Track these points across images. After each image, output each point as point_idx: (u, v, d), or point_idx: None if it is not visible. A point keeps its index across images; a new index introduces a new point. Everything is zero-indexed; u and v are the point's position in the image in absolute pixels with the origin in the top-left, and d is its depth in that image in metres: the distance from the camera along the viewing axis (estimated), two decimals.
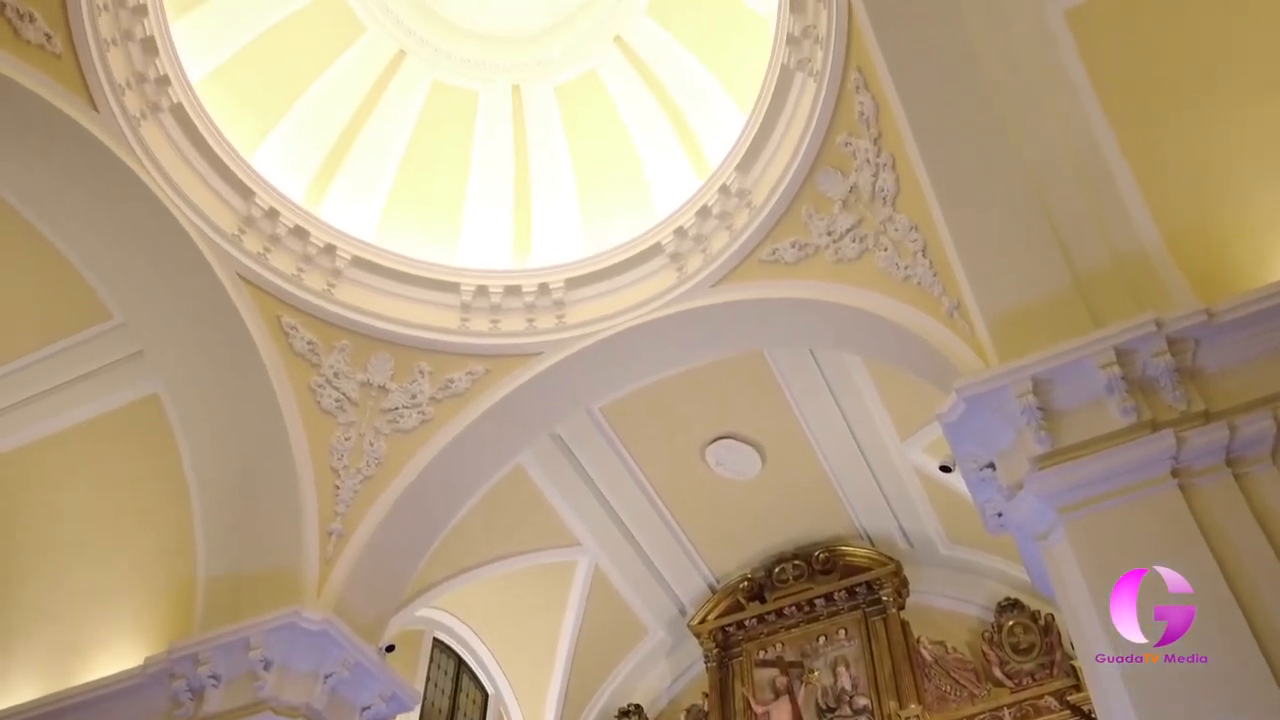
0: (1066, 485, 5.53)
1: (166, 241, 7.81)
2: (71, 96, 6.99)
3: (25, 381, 8.73)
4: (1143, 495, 5.31)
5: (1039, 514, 5.70)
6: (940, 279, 6.88)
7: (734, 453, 10.55)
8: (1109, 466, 5.44)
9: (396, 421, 8.61)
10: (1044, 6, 6.20)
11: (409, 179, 9.77)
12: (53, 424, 8.89)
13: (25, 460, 8.93)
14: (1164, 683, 4.76)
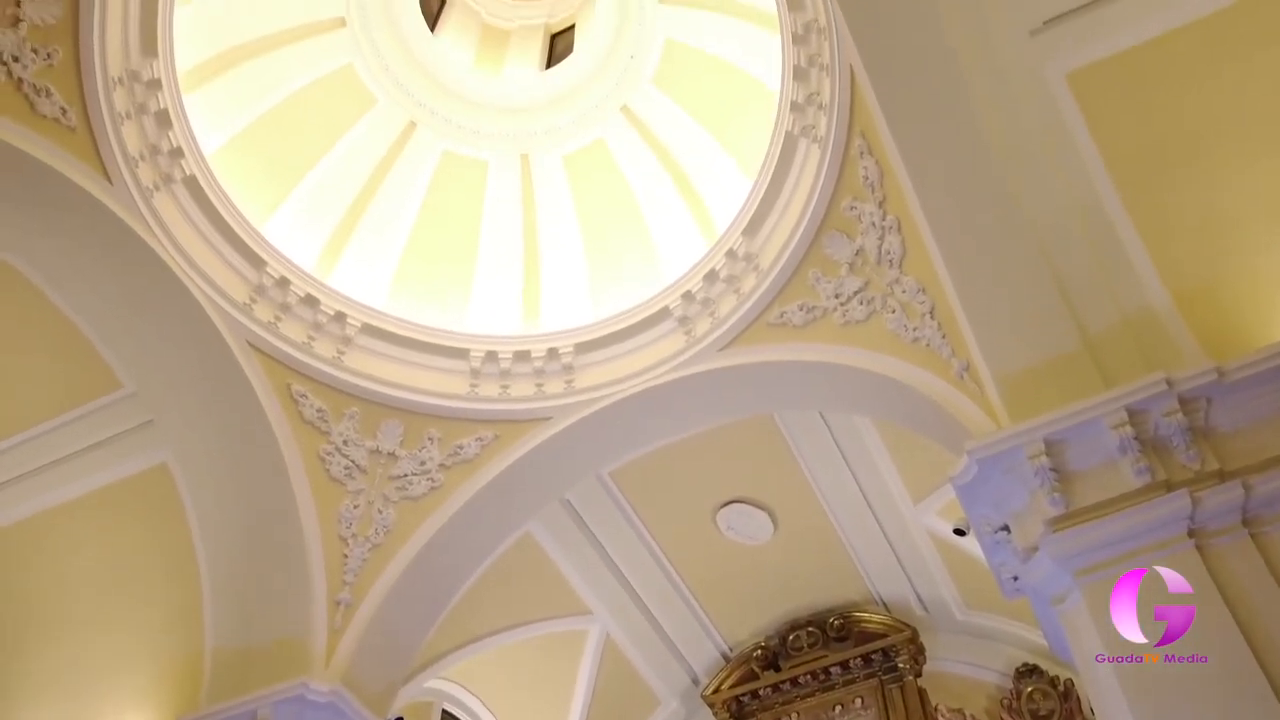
0: (1082, 548, 5.47)
1: (178, 311, 7.86)
2: (86, 169, 7.08)
3: (36, 452, 8.73)
4: (1159, 556, 5.24)
5: (1055, 577, 5.63)
6: (949, 340, 6.88)
7: (745, 517, 10.46)
8: (1124, 528, 5.39)
9: (406, 489, 8.58)
10: (1045, 70, 6.25)
11: (419, 246, 9.86)
12: (62, 494, 8.85)
13: (34, 530, 8.90)
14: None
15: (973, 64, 6.30)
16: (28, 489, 8.79)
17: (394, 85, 10.25)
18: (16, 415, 8.57)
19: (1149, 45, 6.14)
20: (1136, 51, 6.18)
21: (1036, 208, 6.34)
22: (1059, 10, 6.19)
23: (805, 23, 7.36)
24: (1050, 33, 6.24)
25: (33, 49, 6.55)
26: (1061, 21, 6.21)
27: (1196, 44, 6.10)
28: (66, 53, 6.74)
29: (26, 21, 6.46)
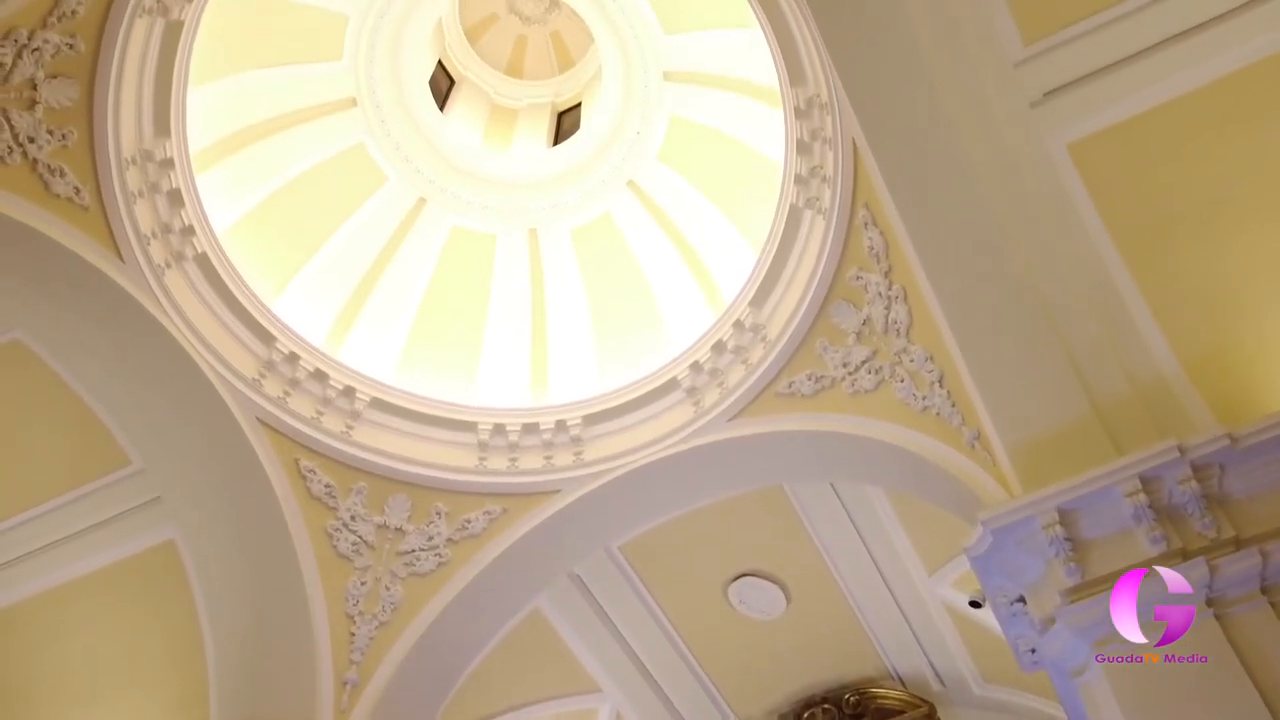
0: (1100, 618, 5.37)
1: (187, 387, 7.89)
2: (98, 247, 7.18)
3: (43, 529, 8.69)
4: None
5: (1073, 649, 5.53)
6: (959, 409, 6.85)
7: (757, 591, 10.32)
8: None
9: (413, 565, 8.51)
10: (1046, 140, 6.31)
11: (428, 320, 9.92)
12: (68, 572, 8.79)
13: (38, 610, 8.81)
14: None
15: (974, 136, 6.36)
16: (33, 568, 8.73)
17: (404, 163, 10.42)
18: (24, 492, 8.56)
19: (1150, 114, 6.20)
20: (1138, 121, 6.23)
21: (1042, 276, 6.35)
22: (1059, 82, 6.27)
23: (807, 98, 7.46)
24: (1050, 104, 6.31)
25: (48, 130, 6.69)
26: (1061, 93, 6.28)
27: (1198, 112, 6.15)
28: (81, 134, 6.87)
29: (43, 104, 6.60)
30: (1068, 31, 6.19)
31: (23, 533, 8.75)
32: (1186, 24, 5.91)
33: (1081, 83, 6.24)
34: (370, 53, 10.26)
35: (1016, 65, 6.25)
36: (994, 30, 6.24)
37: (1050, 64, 6.24)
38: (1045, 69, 6.25)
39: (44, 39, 6.39)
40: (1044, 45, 6.22)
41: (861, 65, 6.40)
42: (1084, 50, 6.16)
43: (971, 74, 6.30)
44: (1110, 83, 6.18)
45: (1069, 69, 6.23)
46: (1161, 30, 5.96)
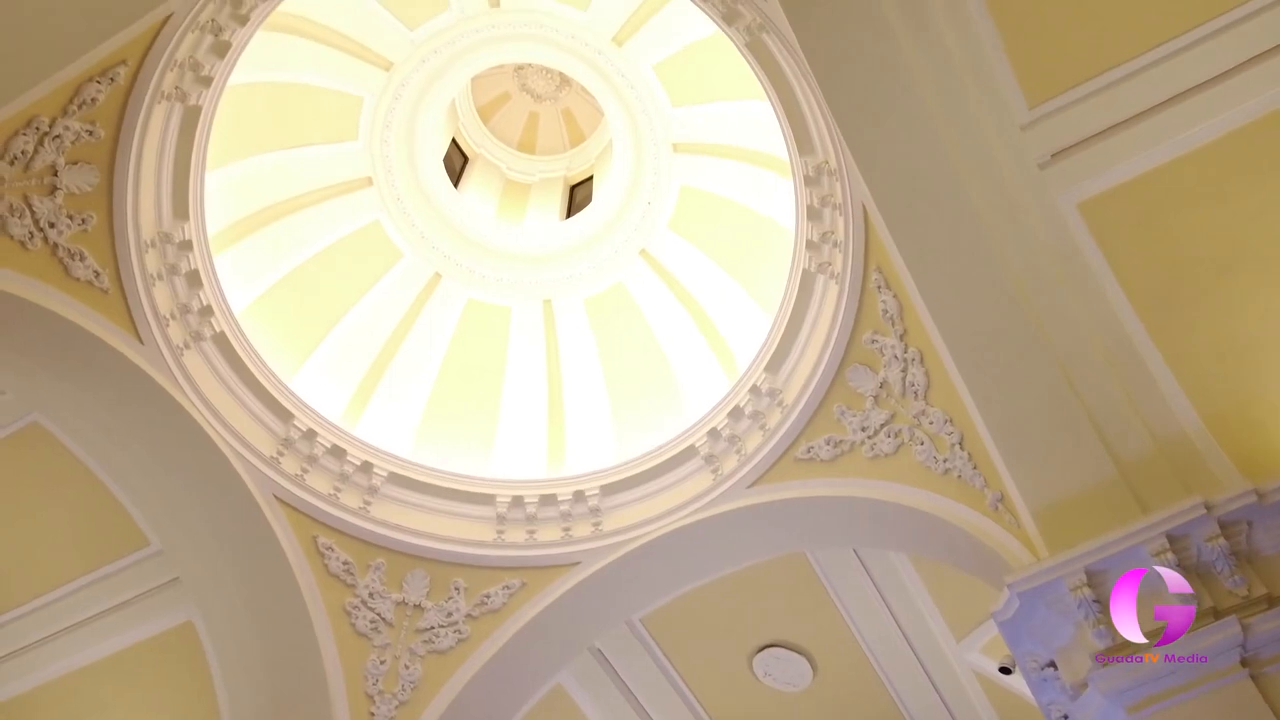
0: (1132, 682, 5.28)
1: (206, 467, 7.91)
2: (117, 330, 7.25)
3: (63, 612, 8.71)
4: (1214, 687, 5.07)
5: (1106, 714, 5.42)
6: (981, 471, 6.80)
7: (783, 662, 10.14)
8: None
9: (432, 642, 8.42)
10: (1056, 200, 6.32)
11: (445, 393, 9.96)
12: (88, 655, 8.81)
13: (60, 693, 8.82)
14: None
15: (983, 198, 6.38)
16: (54, 651, 8.75)
17: (420, 239, 10.57)
18: (44, 575, 8.60)
19: (1160, 171, 6.20)
20: (1147, 179, 6.24)
21: (1059, 336, 6.32)
22: (1066, 143, 6.29)
23: (816, 165, 7.53)
24: (1059, 165, 6.33)
25: (68, 215, 6.80)
26: (1069, 154, 6.30)
27: (1206, 168, 6.16)
28: (101, 218, 6.99)
29: (63, 190, 6.72)
30: (1073, 93, 6.22)
31: (42, 616, 8.77)
32: (1190, 83, 5.95)
33: (1089, 143, 6.26)
34: (385, 133, 10.46)
35: (1023, 128, 6.29)
36: (999, 94, 6.28)
37: (1057, 126, 6.27)
38: (1052, 131, 6.28)
39: (64, 126, 6.53)
40: (1050, 107, 6.26)
41: (869, 132, 6.45)
42: (1089, 111, 6.20)
43: (979, 137, 6.34)
44: (1117, 142, 6.19)
45: (1075, 130, 6.26)
46: (1165, 89, 5.99)
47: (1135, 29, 5.95)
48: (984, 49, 6.14)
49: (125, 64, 6.55)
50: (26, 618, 8.82)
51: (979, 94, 6.25)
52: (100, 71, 6.45)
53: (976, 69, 6.22)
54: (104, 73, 6.47)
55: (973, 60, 6.14)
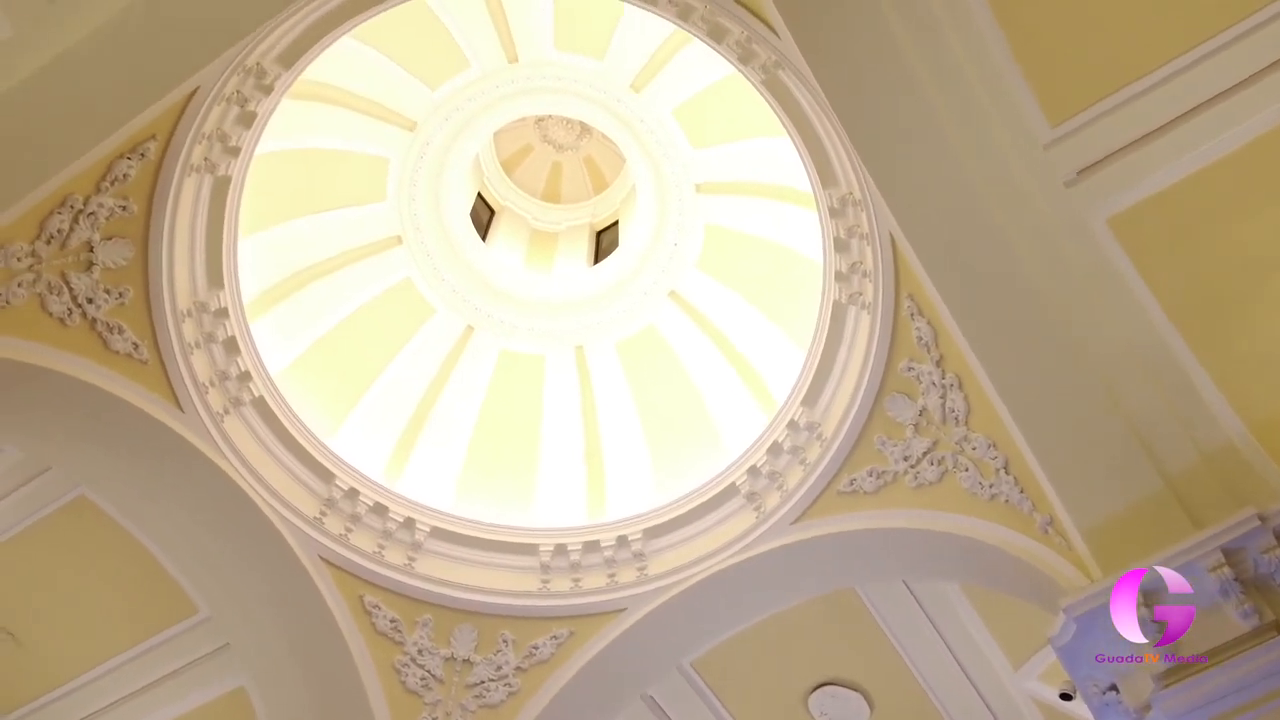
0: (1197, 702, 5.17)
1: (250, 532, 7.97)
2: (158, 399, 7.35)
3: (117, 683, 8.80)
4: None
5: None
6: (1028, 495, 6.71)
7: (839, 700, 9.98)
8: (1240, 676, 5.11)
9: (483, 696, 8.37)
10: (1085, 217, 6.26)
11: (483, 445, 10.00)
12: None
13: None
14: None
15: (1011, 220, 6.34)
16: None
17: (451, 294, 10.67)
18: (97, 646, 8.69)
19: (1189, 181, 6.13)
20: (1176, 190, 6.18)
21: (1098, 353, 6.26)
22: (1091, 159, 6.24)
23: (840, 197, 7.53)
24: (1086, 182, 6.28)
25: (105, 290, 6.93)
26: (1095, 170, 6.25)
27: (1235, 176, 6.09)
28: (137, 291, 7.12)
29: (99, 265, 6.86)
30: (1094, 109, 6.18)
31: (98, 687, 8.87)
32: (1211, 91, 5.89)
33: (1114, 158, 6.21)
34: (412, 191, 10.61)
35: (1046, 147, 6.25)
36: (1020, 115, 6.26)
37: (1080, 142, 6.23)
38: (1075, 148, 6.24)
39: (98, 203, 6.67)
40: (1072, 125, 6.22)
41: (891, 162, 6.45)
42: (1112, 126, 6.15)
43: (1002, 160, 6.31)
44: (1143, 155, 6.14)
45: (1100, 146, 6.21)
46: (1187, 100, 5.94)
47: (1151, 41, 5.92)
48: (1001, 72, 6.12)
49: (155, 139, 6.69)
50: (83, 689, 8.92)
51: (999, 116, 6.23)
52: (131, 147, 6.60)
53: (995, 92, 6.21)
54: (134, 148, 6.61)
55: (990, 84, 6.12)
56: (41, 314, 6.69)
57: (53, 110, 5.93)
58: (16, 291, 6.50)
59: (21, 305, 6.58)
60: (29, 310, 6.63)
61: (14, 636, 8.70)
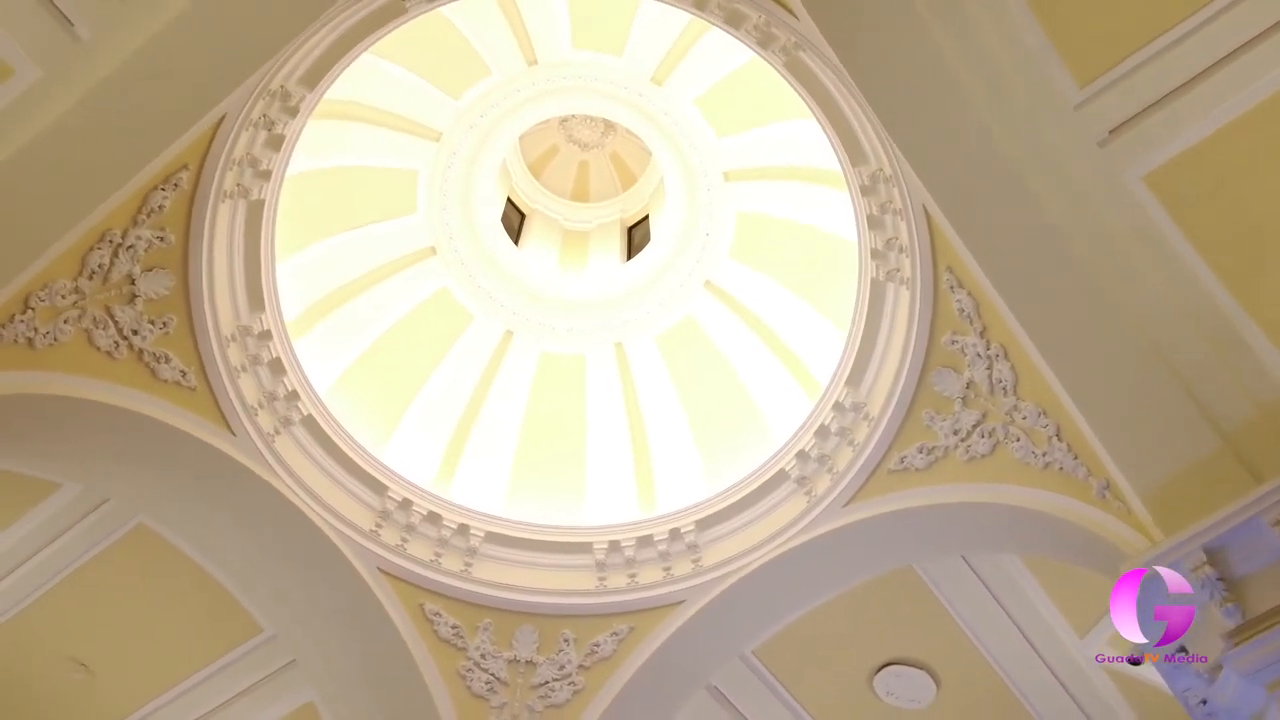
0: (1270, 658, 5.09)
1: (308, 549, 8.07)
2: (208, 425, 7.45)
3: (189, 706, 8.97)
4: None
5: (1247, 695, 5.21)
6: (1083, 461, 6.63)
7: (904, 679, 9.92)
8: None
9: (549, 696, 8.42)
10: (1120, 176, 6.16)
11: (530, 447, 10.06)
12: None
13: None
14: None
15: (1045, 184, 6.25)
16: None
17: (488, 300, 10.75)
18: (167, 672, 8.84)
19: (1222, 133, 6.01)
20: (1211, 142, 6.05)
21: (1143, 313, 6.16)
22: (1122, 118, 6.13)
23: (870, 174, 7.49)
24: (1118, 141, 6.17)
25: (149, 320, 7.04)
26: (1127, 128, 6.14)
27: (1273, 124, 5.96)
28: (181, 319, 7.21)
29: (142, 297, 6.96)
30: (1122, 66, 6.06)
31: (170, 712, 9.05)
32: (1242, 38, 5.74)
33: (1146, 114, 6.10)
34: (443, 201, 10.69)
35: (1076, 108, 6.15)
36: (1047, 77, 6.17)
37: (1110, 101, 6.12)
38: (1106, 107, 6.13)
39: (136, 236, 6.77)
40: (1101, 84, 6.11)
41: (920, 135, 6.39)
42: (1142, 82, 6.04)
43: (1032, 124, 6.22)
44: (1176, 109, 6.02)
45: (1130, 103, 6.10)
46: (1217, 49, 5.81)
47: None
48: (1024, 35, 6.03)
49: (187, 168, 6.78)
50: (156, 715, 9.08)
51: (1026, 81, 6.14)
52: (164, 178, 6.69)
53: (1019, 56, 6.12)
54: (167, 179, 6.70)
55: (1014, 47, 6.03)
56: (89, 349, 6.80)
57: (85, 148, 6.01)
58: (63, 328, 6.61)
59: (69, 341, 6.69)
60: (77, 346, 6.74)
61: (86, 667, 8.87)
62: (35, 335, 6.44)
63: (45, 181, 5.99)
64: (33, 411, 6.56)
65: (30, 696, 9.10)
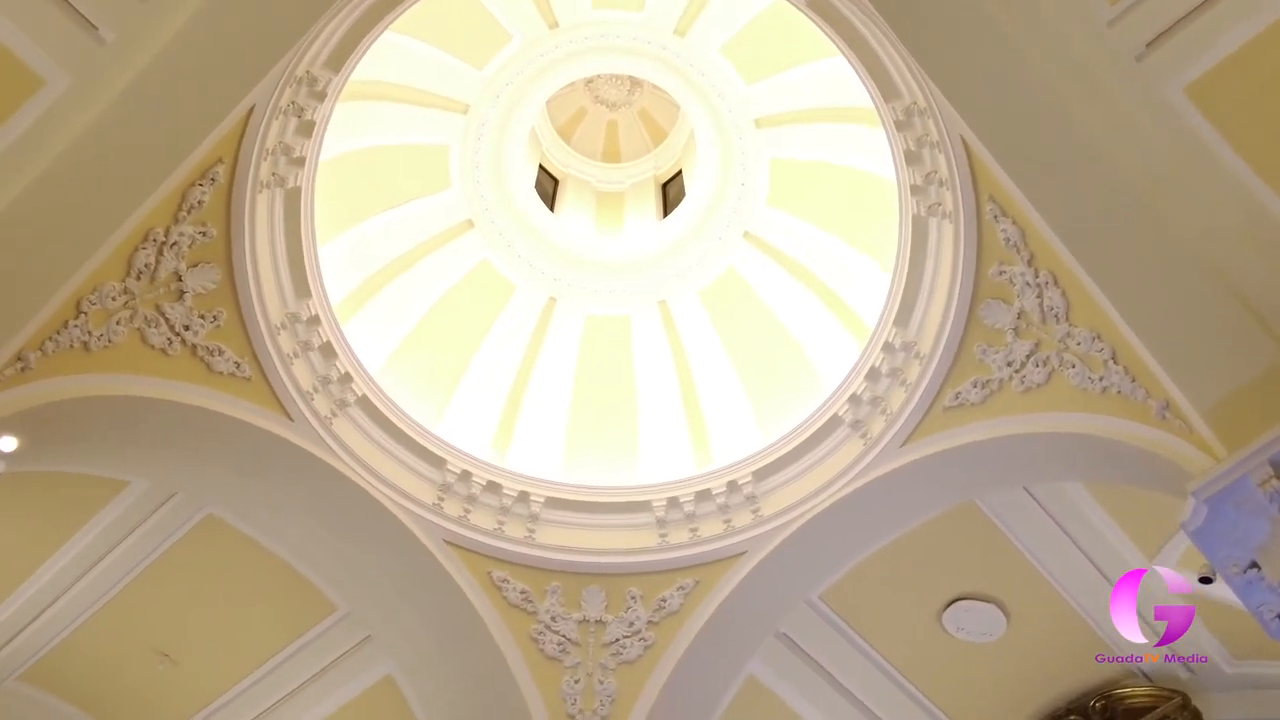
0: None
1: (374, 526, 8.20)
2: (266, 413, 7.57)
3: (270, 688, 9.19)
4: None
5: None
6: (1140, 383, 6.53)
7: (974, 614, 9.89)
8: None
9: (620, 653, 8.53)
10: (1160, 89, 6.01)
11: (582, 411, 10.13)
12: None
13: None
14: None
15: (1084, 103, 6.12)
16: None
17: (529, 268, 10.78)
18: (246, 656, 9.06)
19: (1263, 38, 5.83)
20: (1251, 47, 5.88)
21: (1194, 227, 6.04)
22: (1157, 30, 5.96)
23: (904, 108, 7.37)
24: (1155, 54, 6.01)
25: (199, 315, 7.15)
26: (1163, 40, 5.98)
27: None
28: (230, 312, 7.31)
29: (190, 292, 7.06)
30: None
31: (252, 695, 9.26)
32: None
33: (1182, 24, 5.93)
34: (476, 174, 10.70)
35: (1110, 24, 6.00)
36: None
37: (1143, 14, 5.96)
38: (1140, 20, 5.97)
39: (179, 233, 6.85)
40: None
41: (952, 64, 6.28)
42: None
43: (1065, 43, 6.08)
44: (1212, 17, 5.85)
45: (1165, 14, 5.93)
46: None
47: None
48: None
49: (222, 162, 6.84)
50: (239, 699, 9.33)
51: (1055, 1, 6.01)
52: (201, 174, 6.75)
53: None
54: (204, 174, 6.77)
55: None
56: (144, 348, 6.92)
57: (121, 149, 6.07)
58: (117, 330, 6.73)
59: (123, 343, 6.80)
60: (131, 346, 6.85)
61: (169, 657, 9.11)
62: (90, 339, 6.55)
63: (85, 186, 6.06)
64: (94, 413, 6.70)
65: (120, 689, 9.38)
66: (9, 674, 9.05)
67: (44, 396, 6.28)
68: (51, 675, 9.17)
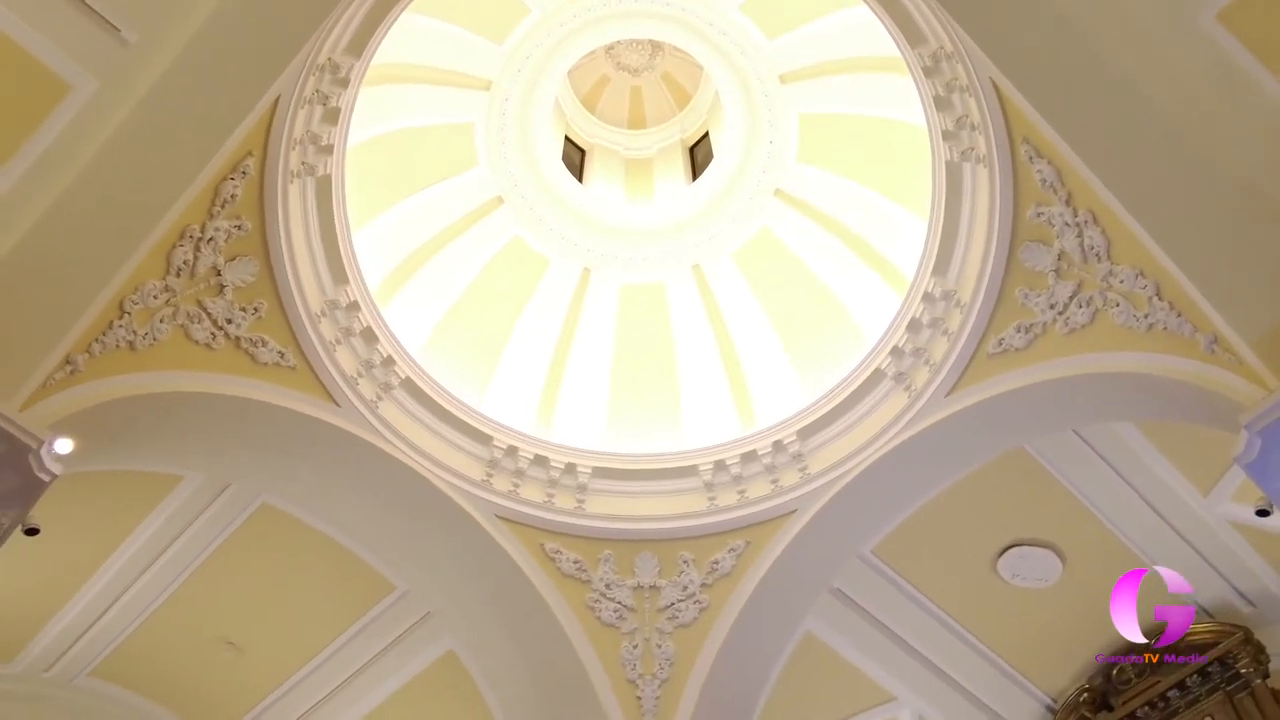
0: None
1: (426, 505, 8.30)
2: (313, 400, 7.65)
3: (335, 670, 9.35)
4: None
5: None
6: (1187, 318, 6.44)
7: (1029, 560, 9.84)
8: None
9: (676, 617, 8.60)
10: (1192, 18, 5.85)
11: (623, 380, 10.16)
12: (369, 702, 9.45)
13: None
14: None
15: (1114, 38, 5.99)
16: (335, 707, 9.37)
17: (561, 241, 10.78)
18: (310, 640, 9.23)
19: None
20: None
21: (1233, 155, 5.92)
22: None
23: (931, 53, 7.26)
24: None
25: (240, 308, 7.22)
26: None
27: None
28: (270, 303, 7.38)
29: (230, 286, 7.13)
30: None
31: (318, 678, 9.43)
32: None
33: None
34: (502, 150, 10.69)
35: None
36: None
37: None
38: None
39: (215, 228, 6.91)
40: None
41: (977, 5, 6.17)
42: None
43: None
44: None
45: None
46: None
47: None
48: None
49: (252, 154, 6.88)
50: (305, 682, 9.52)
51: None
52: (232, 168, 6.79)
53: None
54: (235, 168, 6.81)
55: None
56: (188, 343, 6.99)
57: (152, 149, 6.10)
58: (160, 327, 6.81)
59: (168, 340, 6.88)
60: (176, 342, 6.93)
61: (234, 645, 9.30)
62: (135, 338, 6.63)
63: (119, 187, 6.11)
64: (144, 411, 6.79)
65: (189, 679, 9.60)
66: (80, 671, 9.28)
67: (94, 398, 6.36)
68: (121, 669, 9.39)
